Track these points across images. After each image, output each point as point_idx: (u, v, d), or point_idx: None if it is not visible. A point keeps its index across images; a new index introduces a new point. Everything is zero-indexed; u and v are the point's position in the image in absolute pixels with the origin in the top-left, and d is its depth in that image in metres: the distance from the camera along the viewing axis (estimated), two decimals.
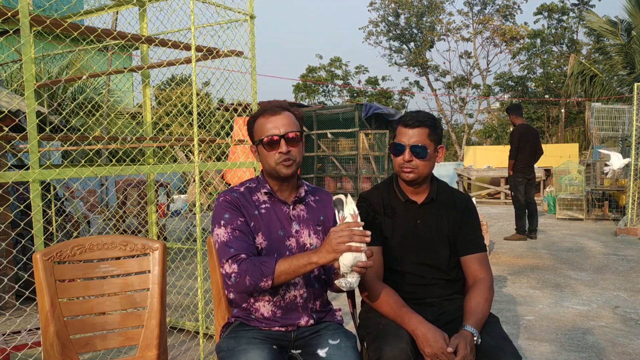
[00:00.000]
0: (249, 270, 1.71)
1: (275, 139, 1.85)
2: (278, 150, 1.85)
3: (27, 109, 2.40)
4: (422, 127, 2.01)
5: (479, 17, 26.48)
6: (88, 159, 2.83)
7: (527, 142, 7.51)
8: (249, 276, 1.71)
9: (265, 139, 1.85)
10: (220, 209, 1.87)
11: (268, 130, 1.86)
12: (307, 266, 1.68)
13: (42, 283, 1.90)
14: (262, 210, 1.91)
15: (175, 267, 5.58)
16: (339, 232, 1.62)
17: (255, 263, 1.72)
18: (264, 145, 1.87)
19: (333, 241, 1.61)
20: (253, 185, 1.96)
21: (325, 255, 1.64)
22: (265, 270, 1.70)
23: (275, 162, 1.86)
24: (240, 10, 3.51)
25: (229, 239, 1.81)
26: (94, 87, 9.97)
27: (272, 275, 1.70)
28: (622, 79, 16.17)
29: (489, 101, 28.10)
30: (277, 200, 1.93)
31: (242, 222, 1.85)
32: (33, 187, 2.39)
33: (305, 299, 1.90)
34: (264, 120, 1.88)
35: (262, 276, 1.70)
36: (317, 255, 1.66)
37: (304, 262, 1.68)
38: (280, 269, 1.70)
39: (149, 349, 2.04)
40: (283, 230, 1.90)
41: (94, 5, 3.99)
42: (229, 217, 1.85)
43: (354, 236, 1.60)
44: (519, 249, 7.14)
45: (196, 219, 3.17)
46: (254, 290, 1.75)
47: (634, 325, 3.96)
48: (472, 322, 1.82)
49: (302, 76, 29.34)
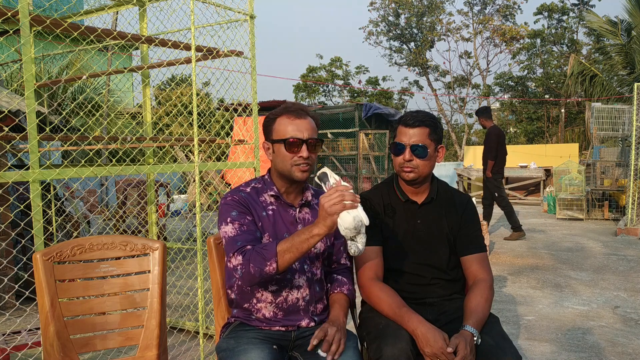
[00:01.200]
0: (252, 257, 1.68)
1: (298, 142, 1.84)
2: (299, 154, 1.84)
3: (27, 109, 2.40)
4: (422, 127, 2.01)
5: (479, 17, 26.48)
6: (88, 159, 2.82)
7: (502, 143, 7.62)
8: (252, 264, 1.68)
9: (290, 139, 1.84)
10: (227, 207, 1.85)
11: (291, 132, 1.85)
12: (309, 240, 1.64)
13: (42, 283, 1.90)
14: (269, 212, 1.90)
15: (175, 267, 5.58)
16: (328, 195, 1.60)
17: (257, 249, 1.70)
18: (285, 146, 1.85)
19: (325, 205, 1.59)
20: (259, 186, 1.95)
21: (323, 222, 1.62)
22: (267, 253, 1.67)
23: (292, 164, 1.85)
24: (240, 10, 3.51)
25: (237, 234, 1.79)
26: (94, 87, 9.97)
27: (275, 257, 1.66)
28: (622, 79, 16.16)
29: (489, 101, 28.09)
30: (283, 203, 1.93)
31: (250, 220, 1.84)
32: (33, 187, 2.39)
33: (307, 302, 1.90)
34: (288, 121, 1.87)
35: (265, 260, 1.67)
36: (316, 226, 1.63)
37: (305, 236, 1.65)
38: (282, 248, 1.67)
39: (149, 349, 2.04)
40: (288, 233, 1.88)
41: (94, 5, 3.99)
42: (237, 214, 1.83)
43: (344, 195, 1.58)
44: (519, 249, 7.14)
45: (196, 219, 3.17)
46: (261, 278, 1.70)
47: (634, 325, 3.96)
48: (472, 322, 1.82)
49: (303, 76, 29.33)
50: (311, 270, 1.92)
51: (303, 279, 1.88)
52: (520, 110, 24.72)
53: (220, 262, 2.08)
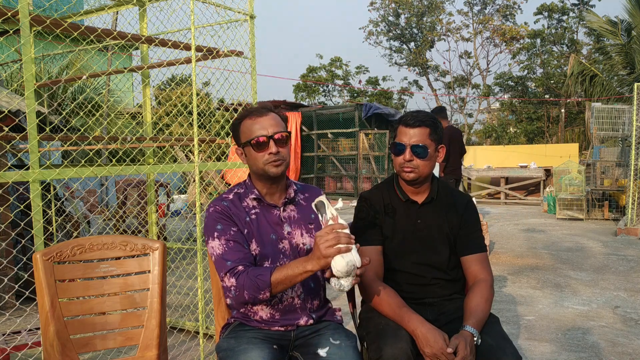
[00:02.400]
0: (246, 285, 1.72)
1: (264, 140, 1.84)
2: (267, 151, 1.85)
3: (27, 109, 2.40)
4: (422, 127, 2.01)
5: (479, 17, 26.49)
6: (88, 159, 2.82)
7: (456, 144, 7.55)
8: (246, 290, 1.72)
9: (256, 139, 1.84)
10: (211, 220, 1.86)
11: (256, 132, 1.85)
12: (302, 274, 1.67)
13: (42, 283, 1.90)
14: (252, 216, 1.90)
15: (175, 267, 5.58)
16: (324, 236, 1.60)
17: (252, 277, 1.72)
18: (252, 147, 1.86)
19: (321, 246, 1.60)
20: (241, 191, 1.95)
21: (317, 261, 1.63)
22: (261, 284, 1.70)
23: (264, 162, 1.85)
24: (240, 10, 3.51)
25: (224, 251, 1.81)
26: (94, 87, 9.97)
27: (269, 287, 1.70)
28: (622, 79, 16.16)
29: (489, 101, 28.10)
30: (266, 205, 1.92)
31: (236, 231, 1.85)
32: (33, 187, 2.39)
33: (303, 300, 1.90)
34: (251, 122, 1.88)
35: (259, 289, 1.71)
36: (310, 263, 1.65)
37: (298, 271, 1.67)
38: (276, 279, 1.70)
39: (149, 349, 2.04)
40: (275, 234, 1.89)
41: (94, 5, 3.99)
42: (222, 227, 1.84)
43: (340, 238, 1.58)
44: (519, 249, 7.15)
45: (196, 218, 3.17)
46: (254, 302, 1.80)
47: (634, 325, 3.96)
48: (472, 323, 1.82)
49: (303, 76, 29.32)
50: None
51: None
52: (520, 110, 24.73)
53: None
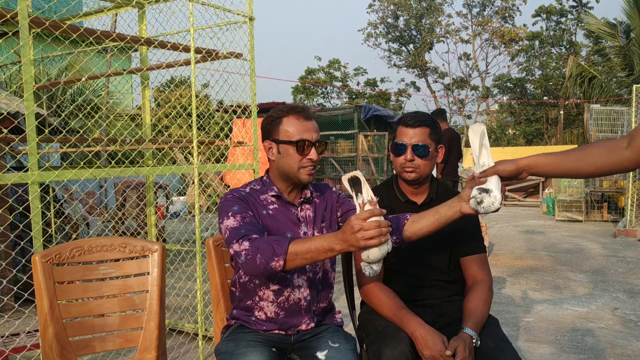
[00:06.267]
0: (261, 247, 1.58)
1: (308, 144, 1.79)
2: (308, 156, 1.79)
3: (26, 111, 2.40)
4: (423, 127, 2.01)
5: (477, 19, 26.54)
6: (87, 161, 2.81)
7: (455, 146, 7.58)
8: (259, 254, 1.58)
9: (302, 141, 1.78)
10: (228, 204, 1.78)
11: (302, 133, 1.79)
12: (327, 253, 1.55)
13: (41, 285, 1.90)
14: (270, 211, 1.85)
15: (174, 268, 5.57)
16: (364, 225, 1.46)
17: (269, 241, 1.59)
18: (297, 147, 1.79)
19: (359, 235, 1.46)
20: (258, 187, 1.90)
21: (346, 247, 1.51)
22: (277, 248, 1.56)
23: (300, 166, 1.80)
24: (240, 12, 3.51)
25: (239, 225, 1.70)
26: (93, 89, 9.97)
27: (285, 255, 1.55)
28: (620, 80, 16.18)
29: (487, 103, 28.13)
30: (285, 202, 1.88)
31: (252, 215, 1.79)
32: (32, 189, 2.38)
33: (309, 302, 1.87)
34: (297, 122, 1.80)
35: (274, 255, 1.56)
36: (339, 244, 1.52)
37: (323, 248, 1.54)
38: (295, 249, 1.56)
39: (148, 351, 2.04)
40: (291, 232, 1.85)
41: (93, 7, 3.99)
42: (238, 208, 1.77)
43: (382, 231, 1.46)
44: (518, 251, 7.15)
45: (195, 220, 3.17)
46: (264, 270, 1.59)
47: (633, 327, 3.96)
48: (471, 324, 1.81)
49: (301, 78, 29.35)
50: (313, 270, 1.88)
51: (303, 279, 1.85)
52: (519, 112, 24.77)
53: (220, 264, 2.08)
